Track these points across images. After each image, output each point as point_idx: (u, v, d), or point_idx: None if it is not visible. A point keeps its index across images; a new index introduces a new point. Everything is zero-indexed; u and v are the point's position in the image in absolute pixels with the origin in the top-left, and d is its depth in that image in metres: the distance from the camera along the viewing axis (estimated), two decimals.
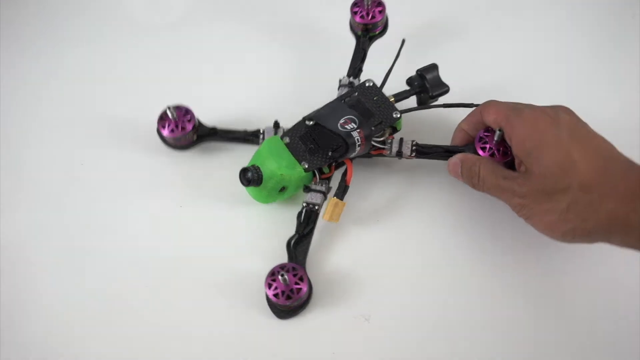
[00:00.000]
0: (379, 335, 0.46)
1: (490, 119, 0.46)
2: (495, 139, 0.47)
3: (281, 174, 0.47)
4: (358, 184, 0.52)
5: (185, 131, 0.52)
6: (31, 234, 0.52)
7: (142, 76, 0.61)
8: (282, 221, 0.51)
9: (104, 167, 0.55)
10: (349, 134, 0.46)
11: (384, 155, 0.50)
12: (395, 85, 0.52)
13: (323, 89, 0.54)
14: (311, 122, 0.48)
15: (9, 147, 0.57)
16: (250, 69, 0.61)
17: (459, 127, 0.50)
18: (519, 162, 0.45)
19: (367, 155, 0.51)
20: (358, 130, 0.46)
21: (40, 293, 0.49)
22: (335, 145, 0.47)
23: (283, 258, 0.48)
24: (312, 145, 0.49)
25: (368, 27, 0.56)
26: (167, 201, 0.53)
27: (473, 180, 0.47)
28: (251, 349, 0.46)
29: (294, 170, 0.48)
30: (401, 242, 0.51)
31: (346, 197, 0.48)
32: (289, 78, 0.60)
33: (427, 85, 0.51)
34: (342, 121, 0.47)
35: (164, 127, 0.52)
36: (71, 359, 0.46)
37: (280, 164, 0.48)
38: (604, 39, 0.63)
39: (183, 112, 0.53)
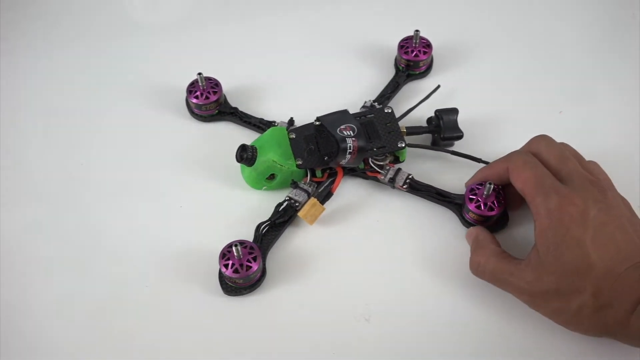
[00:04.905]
0: (378, 335, 0.45)
1: (518, 185, 0.45)
2: (485, 192, 0.46)
3: (273, 160, 0.49)
4: (346, 198, 0.52)
5: (208, 100, 0.55)
6: (31, 234, 0.51)
7: (148, 78, 0.61)
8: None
9: (102, 168, 0.55)
10: (343, 139, 0.47)
11: (378, 180, 0.51)
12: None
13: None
14: (318, 123, 0.50)
15: (9, 147, 0.56)
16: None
17: (485, 176, 0.48)
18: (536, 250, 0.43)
19: (363, 175, 0.52)
20: (353, 139, 0.47)
21: (40, 293, 0.48)
22: (332, 150, 0.49)
23: None
24: (312, 147, 0.50)
25: (410, 64, 0.58)
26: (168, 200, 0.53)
27: (479, 274, 0.46)
28: (243, 340, 0.46)
29: (286, 161, 0.49)
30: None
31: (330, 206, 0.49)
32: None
33: (441, 126, 0.52)
34: (342, 127, 0.48)
35: (191, 92, 0.56)
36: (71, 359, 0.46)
37: (276, 151, 0.49)
38: (603, 39, 0.62)
39: (212, 84, 0.56)
